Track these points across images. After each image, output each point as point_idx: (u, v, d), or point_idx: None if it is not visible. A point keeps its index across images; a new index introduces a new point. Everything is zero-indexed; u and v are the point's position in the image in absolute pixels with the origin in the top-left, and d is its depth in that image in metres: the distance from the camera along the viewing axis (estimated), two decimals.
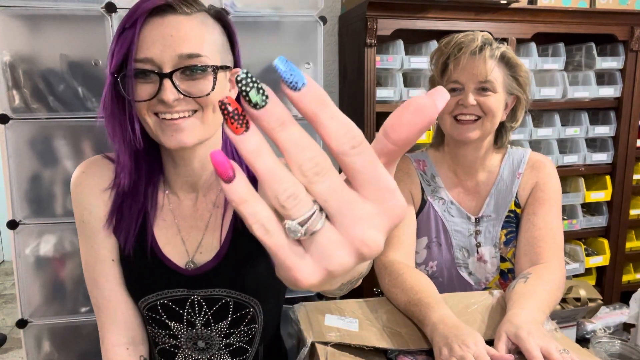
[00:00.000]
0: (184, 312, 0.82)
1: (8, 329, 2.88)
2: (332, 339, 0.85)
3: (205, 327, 0.83)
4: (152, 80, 0.70)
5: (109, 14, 1.46)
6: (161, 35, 0.69)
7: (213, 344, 0.84)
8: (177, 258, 0.81)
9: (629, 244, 2.27)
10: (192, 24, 0.71)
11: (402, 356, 0.84)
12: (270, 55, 1.63)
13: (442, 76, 1.11)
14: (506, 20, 1.86)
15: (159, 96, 0.69)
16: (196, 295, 0.81)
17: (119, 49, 0.70)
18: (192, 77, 0.71)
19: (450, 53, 1.08)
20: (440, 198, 1.18)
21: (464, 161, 1.17)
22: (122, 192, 0.80)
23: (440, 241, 1.17)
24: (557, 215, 1.13)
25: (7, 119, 1.46)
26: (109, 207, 0.81)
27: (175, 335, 0.83)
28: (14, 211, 1.51)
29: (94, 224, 0.82)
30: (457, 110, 1.08)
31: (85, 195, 0.82)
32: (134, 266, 0.82)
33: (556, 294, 0.99)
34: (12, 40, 1.46)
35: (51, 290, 1.58)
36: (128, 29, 0.69)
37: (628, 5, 2.00)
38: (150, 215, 0.81)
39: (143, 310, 0.83)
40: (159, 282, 0.80)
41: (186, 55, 0.69)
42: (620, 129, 2.11)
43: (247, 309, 0.84)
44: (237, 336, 0.85)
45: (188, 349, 0.84)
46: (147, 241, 0.80)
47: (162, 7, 0.70)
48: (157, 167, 0.82)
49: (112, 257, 0.83)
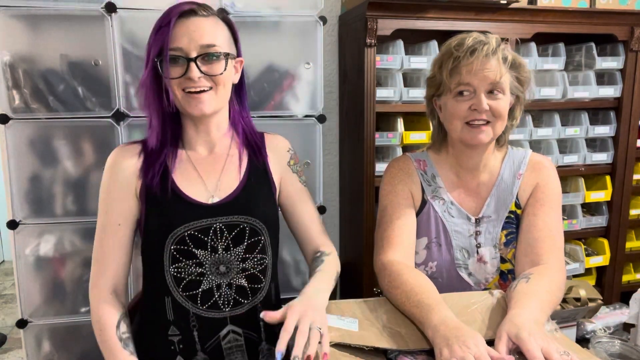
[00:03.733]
0: (208, 239, 1.00)
1: (8, 329, 2.88)
2: (332, 339, 0.85)
3: (225, 251, 1.01)
4: (181, 64, 0.96)
5: (109, 14, 1.46)
6: (187, 31, 0.96)
7: (232, 268, 1.02)
8: (199, 195, 1.02)
9: (629, 244, 2.27)
10: (209, 23, 0.98)
11: (402, 356, 0.84)
12: (270, 55, 1.63)
13: (451, 78, 1.08)
14: (506, 20, 1.86)
15: (186, 75, 0.96)
16: (218, 223, 1.01)
17: (156, 41, 0.96)
18: (210, 61, 0.98)
19: (463, 56, 1.06)
20: (440, 198, 1.17)
21: (469, 163, 1.16)
22: (148, 155, 1.03)
23: (440, 242, 1.17)
24: (557, 216, 1.13)
25: (7, 119, 1.46)
26: (137, 172, 1.02)
27: (201, 263, 1.00)
28: (14, 211, 1.51)
29: (118, 192, 1.02)
30: (471, 116, 1.07)
31: (118, 169, 1.03)
32: (162, 207, 1.00)
33: (557, 295, 0.99)
34: (12, 40, 1.46)
35: (51, 290, 1.58)
36: (164, 27, 0.95)
37: (628, 5, 2.00)
38: (170, 166, 1.03)
39: (171, 247, 0.99)
40: (186, 216, 0.99)
41: (206, 45, 0.96)
42: (620, 129, 2.11)
43: (259, 236, 1.04)
44: (251, 262, 1.04)
45: (212, 274, 1.01)
46: (169, 186, 1.01)
47: (188, 12, 0.97)
48: (179, 132, 1.07)
49: (119, 221, 1.02)
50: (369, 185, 1.85)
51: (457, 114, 1.08)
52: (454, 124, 1.10)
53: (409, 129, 1.89)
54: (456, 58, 1.06)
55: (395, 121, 1.89)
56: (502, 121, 1.08)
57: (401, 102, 1.85)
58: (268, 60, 1.63)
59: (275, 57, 1.62)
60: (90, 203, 1.56)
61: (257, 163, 1.09)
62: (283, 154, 1.15)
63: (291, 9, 1.60)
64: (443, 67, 1.09)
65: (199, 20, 0.97)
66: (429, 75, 1.17)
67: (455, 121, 1.09)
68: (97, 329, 0.99)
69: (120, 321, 0.99)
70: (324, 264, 1.07)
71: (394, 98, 1.83)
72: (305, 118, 1.65)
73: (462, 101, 1.07)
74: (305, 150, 1.65)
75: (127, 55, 1.50)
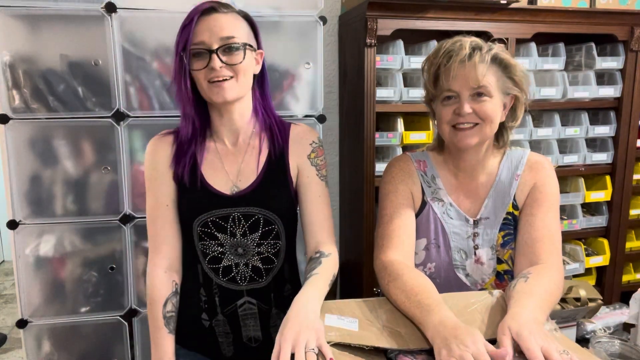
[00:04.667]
0: (228, 225, 1.11)
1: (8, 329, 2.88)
2: (332, 339, 0.85)
3: (243, 236, 1.12)
4: (204, 56, 1.04)
5: (109, 14, 1.47)
6: (208, 26, 1.04)
7: (248, 251, 1.13)
8: (222, 185, 1.12)
9: (629, 244, 2.27)
10: (228, 18, 1.07)
11: (402, 356, 0.84)
12: (270, 55, 1.63)
13: (435, 86, 1.11)
14: (506, 20, 1.86)
15: (209, 65, 1.04)
16: (236, 212, 1.11)
17: (182, 38, 1.05)
18: (230, 53, 1.05)
19: (440, 63, 1.07)
20: (440, 200, 1.18)
21: (466, 165, 1.17)
22: (180, 144, 1.13)
23: (439, 243, 1.17)
24: (555, 216, 1.13)
25: (7, 119, 1.46)
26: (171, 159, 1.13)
27: (222, 244, 1.12)
28: (14, 211, 1.51)
29: (160, 178, 1.13)
30: (456, 120, 1.08)
31: (154, 157, 1.14)
32: (190, 196, 1.12)
33: (556, 294, 0.99)
34: (12, 40, 1.46)
35: (51, 290, 1.58)
36: (187, 25, 1.05)
37: (628, 5, 2.00)
38: (199, 158, 1.13)
39: (198, 228, 1.11)
40: (209, 205, 1.11)
41: (225, 37, 1.04)
42: (620, 129, 2.11)
43: (273, 225, 1.13)
44: (265, 247, 1.14)
45: (231, 254, 1.13)
46: (197, 177, 1.11)
47: (209, 9, 1.06)
48: (207, 123, 1.16)
49: (167, 202, 1.13)
50: (369, 185, 1.85)
51: (444, 118, 1.10)
52: (443, 128, 1.12)
53: (409, 129, 1.89)
54: (435, 65, 1.09)
55: (395, 121, 1.89)
56: (491, 123, 1.08)
57: (401, 102, 1.85)
58: (268, 60, 1.62)
59: (275, 57, 1.63)
60: (91, 203, 1.57)
61: (275, 155, 1.15)
62: (305, 146, 1.17)
63: (291, 9, 1.60)
64: (426, 74, 1.12)
65: (219, 16, 1.06)
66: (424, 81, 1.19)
67: (444, 125, 1.11)
68: (148, 303, 1.12)
69: (168, 300, 1.11)
70: (320, 267, 1.07)
71: (394, 98, 1.84)
72: (305, 118, 1.65)
73: (448, 105, 1.09)
74: None
75: (127, 55, 1.50)
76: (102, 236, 1.59)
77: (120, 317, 1.61)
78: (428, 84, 1.13)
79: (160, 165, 1.14)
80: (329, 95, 2.12)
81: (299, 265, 1.25)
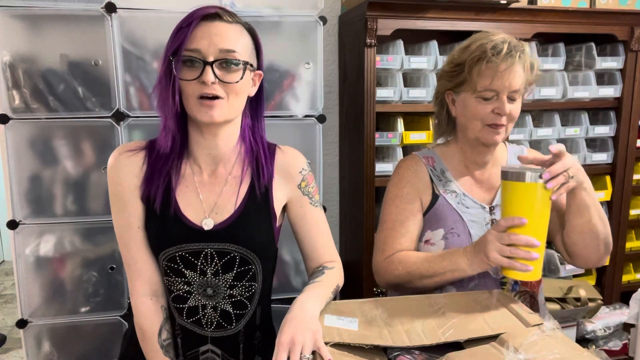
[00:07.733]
0: (198, 262, 0.99)
1: (8, 329, 2.88)
2: (332, 339, 0.85)
3: (214, 276, 1.00)
4: (197, 66, 0.91)
5: (109, 14, 1.47)
6: (209, 34, 0.91)
7: (219, 292, 1.01)
8: (195, 217, 1.00)
9: (629, 244, 2.26)
10: (232, 29, 0.94)
11: (402, 356, 0.84)
12: (270, 55, 1.63)
13: (480, 79, 1.10)
14: (506, 20, 1.86)
15: (201, 78, 0.91)
16: (210, 248, 0.99)
17: (175, 41, 0.92)
18: (227, 68, 0.93)
19: (500, 62, 1.07)
20: (452, 191, 1.19)
21: (483, 159, 1.20)
22: (155, 160, 1.00)
23: (458, 232, 1.18)
24: None
25: (7, 119, 1.46)
26: (141, 178, 1.00)
27: (189, 282, 1.00)
28: (14, 211, 1.51)
29: (127, 196, 1.00)
30: (494, 120, 1.10)
31: (120, 173, 1.01)
32: (159, 224, 0.99)
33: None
34: (12, 40, 1.46)
35: (51, 290, 1.58)
36: (184, 27, 0.91)
37: (628, 5, 2.00)
38: (174, 181, 1.00)
39: (163, 262, 1.00)
40: (179, 237, 0.98)
41: (225, 50, 0.91)
42: (620, 129, 2.11)
43: (250, 265, 1.01)
44: (239, 289, 1.02)
45: (199, 294, 1.01)
46: (171, 203, 0.99)
47: (212, 15, 0.93)
48: (185, 143, 1.02)
49: (138, 224, 1.00)
50: (369, 185, 1.85)
51: (479, 115, 1.11)
52: (474, 124, 1.13)
53: (409, 129, 1.89)
54: (491, 61, 1.07)
55: (395, 121, 1.89)
56: (513, 122, 1.14)
57: (401, 102, 1.85)
58: (268, 60, 1.62)
59: (275, 57, 1.62)
60: (91, 203, 1.56)
61: (259, 188, 1.03)
62: (294, 176, 1.08)
63: (291, 9, 1.60)
64: (474, 66, 1.10)
65: (222, 25, 0.93)
66: (447, 68, 1.18)
67: (476, 122, 1.12)
68: (139, 335, 1.02)
69: (161, 328, 1.02)
70: (322, 276, 1.04)
71: (394, 98, 1.84)
72: (305, 118, 1.65)
73: (486, 104, 1.10)
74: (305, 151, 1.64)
75: (127, 55, 1.50)
76: (102, 236, 1.58)
77: (120, 317, 1.61)
78: (476, 75, 1.09)
79: (128, 182, 1.00)
80: (329, 95, 2.12)
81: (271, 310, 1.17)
